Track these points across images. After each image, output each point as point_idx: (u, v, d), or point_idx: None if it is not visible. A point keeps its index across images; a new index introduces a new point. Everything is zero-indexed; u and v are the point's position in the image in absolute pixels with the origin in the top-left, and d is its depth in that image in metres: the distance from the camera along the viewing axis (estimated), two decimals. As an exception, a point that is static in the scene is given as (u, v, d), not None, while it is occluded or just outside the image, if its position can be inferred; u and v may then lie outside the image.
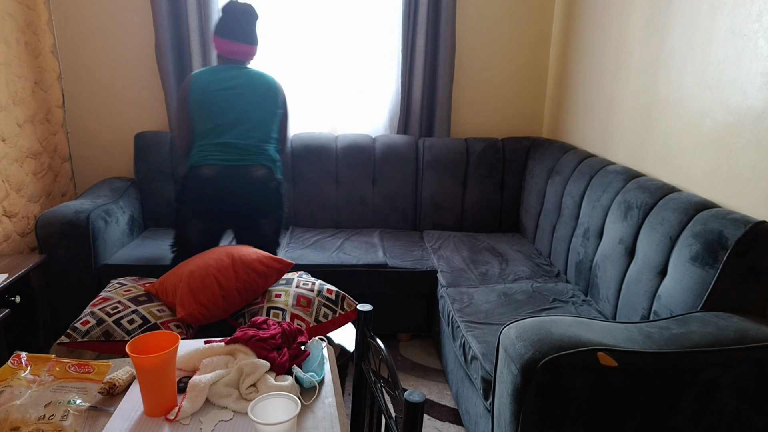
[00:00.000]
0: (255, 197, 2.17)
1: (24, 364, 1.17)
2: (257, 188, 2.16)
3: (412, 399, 0.81)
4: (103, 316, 1.69)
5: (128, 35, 2.93)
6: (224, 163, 2.11)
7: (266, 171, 2.18)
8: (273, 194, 2.22)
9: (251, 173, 2.15)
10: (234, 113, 2.14)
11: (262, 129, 2.19)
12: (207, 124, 2.14)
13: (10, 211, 2.51)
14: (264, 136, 2.19)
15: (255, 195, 2.17)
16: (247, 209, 2.19)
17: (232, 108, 2.14)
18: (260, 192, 2.18)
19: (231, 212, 2.18)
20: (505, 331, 1.37)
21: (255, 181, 2.15)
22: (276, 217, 2.26)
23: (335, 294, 1.92)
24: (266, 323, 1.34)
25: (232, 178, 2.12)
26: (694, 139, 1.85)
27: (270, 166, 2.20)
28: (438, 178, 2.98)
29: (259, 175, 2.16)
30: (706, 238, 1.53)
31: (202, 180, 2.11)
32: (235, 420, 1.06)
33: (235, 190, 2.13)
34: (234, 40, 2.15)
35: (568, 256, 2.36)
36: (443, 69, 2.99)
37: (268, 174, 2.19)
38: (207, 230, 2.20)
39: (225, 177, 2.11)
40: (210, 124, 2.14)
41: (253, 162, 2.15)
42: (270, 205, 2.22)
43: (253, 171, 2.15)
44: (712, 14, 1.76)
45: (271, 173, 2.20)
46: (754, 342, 1.28)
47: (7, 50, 2.49)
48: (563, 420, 1.23)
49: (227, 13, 2.16)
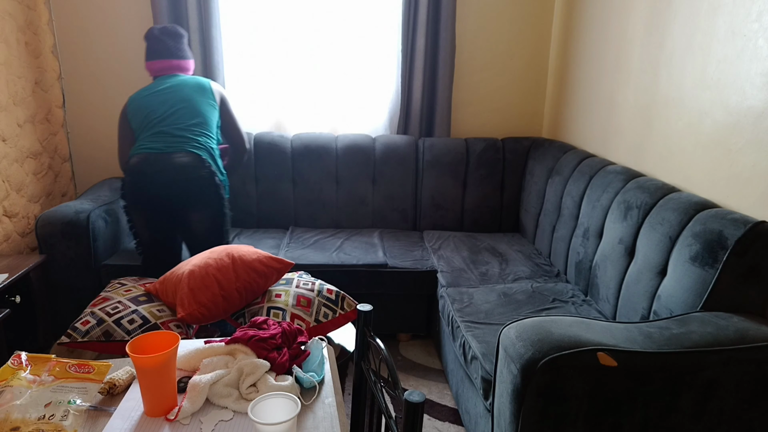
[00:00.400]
0: (179, 186, 2.09)
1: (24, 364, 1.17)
2: (181, 176, 2.08)
3: (412, 399, 0.81)
4: (103, 316, 1.69)
5: (128, 35, 2.93)
6: (149, 150, 2.09)
7: (193, 158, 2.10)
8: (202, 185, 2.12)
9: (175, 159, 2.08)
10: (165, 107, 2.17)
11: (194, 118, 2.17)
12: (142, 123, 2.17)
13: (11, 211, 2.51)
14: (195, 124, 2.16)
15: (179, 183, 2.09)
16: (175, 199, 2.12)
17: (163, 104, 2.18)
18: (184, 180, 2.09)
19: (159, 203, 2.12)
20: (505, 331, 1.37)
21: (179, 168, 2.08)
22: (210, 214, 2.17)
23: (335, 294, 1.92)
24: (266, 323, 1.34)
25: (156, 164, 2.07)
26: (694, 139, 1.85)
27: (199, 154, 2.12)
28: (438, 178, 2.98)
29: (183, 162, 2.08)
30: (706, 238, 1.53)
31: (131, 170, 2.10)
32: (235, 420, 1.06)
33: (159, 177, 2.08)
34: (158, 58, 2.26)
35: (568, 256, 2.36)
36: (443, 69, 2.99)
37: (195, 161, 2.10)
38: (152, 224, 2.16)
39: (150, 163, 2.07)
40: (144, 122, 2.17)
41: (179, 149, 2.10)
42: (199, 197, 2.13)
43: (177, 157, 2.08)
44: (712, 14, 1.76)
45: (200, 161, 2.11)
46: (754, 342, 1.28)
47: (8, 50, 2.50)
48: (563, 420, 1.23)
49: (147, 38, 2.28)
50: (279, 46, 2.95)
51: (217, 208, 2.18)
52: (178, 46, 2.30)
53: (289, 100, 3.05)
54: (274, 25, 2.92)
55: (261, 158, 2.93)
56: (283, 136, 2.98)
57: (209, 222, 2.17)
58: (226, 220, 2.22)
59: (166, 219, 2.18)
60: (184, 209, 2.15)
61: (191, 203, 2.14)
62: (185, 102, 2.18)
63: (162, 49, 2.26)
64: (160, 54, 2.26)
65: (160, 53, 2.26)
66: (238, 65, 2.97)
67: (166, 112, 2.16)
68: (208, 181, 2.13)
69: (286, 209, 3.00)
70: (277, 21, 2.92)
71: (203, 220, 2.16)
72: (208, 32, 2.83)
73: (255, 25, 2.91)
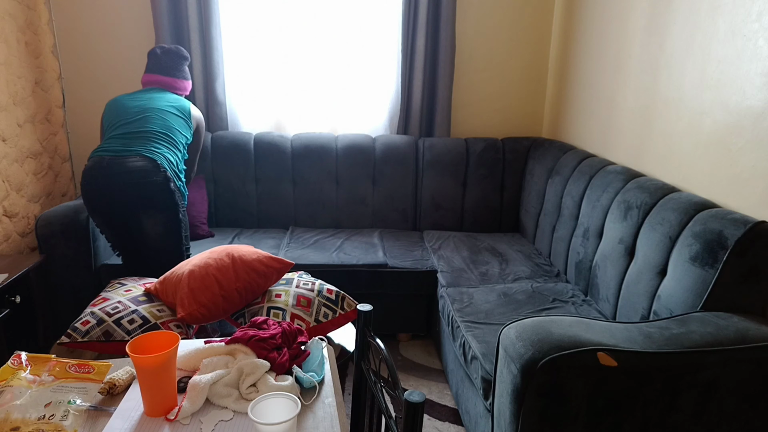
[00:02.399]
0: (130, 189, 2.05)
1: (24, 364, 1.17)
2: (132, 180, 2.04)
3: (412, 399, 0.81)
4: (103, 316, 1.69)
5: (128, 35, 2.93)
6: (104, 154, 2.08)
7: (148, 162, 2.06)
8: (155, 189, 2.07)
9: (128, 163, 2.05)
10: (136, 110, 2.19)
11: (162, 128, 2.17)
12: (111, 122, 2.19)
13: (11, 211, 2.51)
14: (161, 134, 2.16)
15: (130, 186, 2.05)
16: (126, 203, 2.09)
17: (135, 108, 2.20)
18: (135, 184, 2.05)
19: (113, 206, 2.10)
20: (505, 331, 1.37)
21: (132, 172, 2.04)
22: (163, 218, 2.12)
23: (335, 294, 1.92)
24: (266, 323, 1.34)
25: (108, 168, 2.05)
26: (694, 139, 1.85)
27: (156, 160, 2.08)
28: (438, 178, 2.98)
29: (137, 165, 2.05)
30: (706, 238, 1.53)
31: (84, 174, 2.10)
32: (235, 420, 1.06)
33: (112, 180, 2.05)
34: (150, 72, 2.36)
35: (567, 256, 2.36)
36: (443, 69, 2.99)
37: (150, 166, 2.06)
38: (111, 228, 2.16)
39: (102, 167, 2.05)
40: (113, 121, 2.19)
41: (135, 153, 2.07)
42: (151, 201, 2.09)
43: (131, 161, 2.05)
44: (712, 14, 1.76)
45: (155, 166, 2.07)
46: (754, 342, 1.28)
47: (8, 50, 2.50)
48: (563, 420, 1.23)
49: (148, 55, 2.38)
50: (279, 46, 2.95)
51: (172, 214, 2.13)
52: (174, 65, 2.37)
53: (289, 100, 3.05)
54: (274, 25, 2.92)
55: (261, 158, 2.93)
56: (283, 136, 2.98)
57: (162, 227, 2.13)
58: (182, 227, 2.18)
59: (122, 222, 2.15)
60: (133, 211, 2.11)
61: (139, 205, 2.09)
62: (158, 112, 2.20)
63: (155, 64, 2.35)
64: (151, 69, 2.36)
65: (152, 68, 2.36)
66: (238, 65, 2.97)
67: (136, 116, 2.17)
68: (161, 186, 2.08)
69: (286, 209, 3.00)
70: (277, 21, 2.92)
71: (156, 225, 2.11)
72: (208, 32, 2.83)
73: (255, 25, 2.91)
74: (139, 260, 2.21)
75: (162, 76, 2.35)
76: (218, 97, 2.96)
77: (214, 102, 2.96)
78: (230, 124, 3.05)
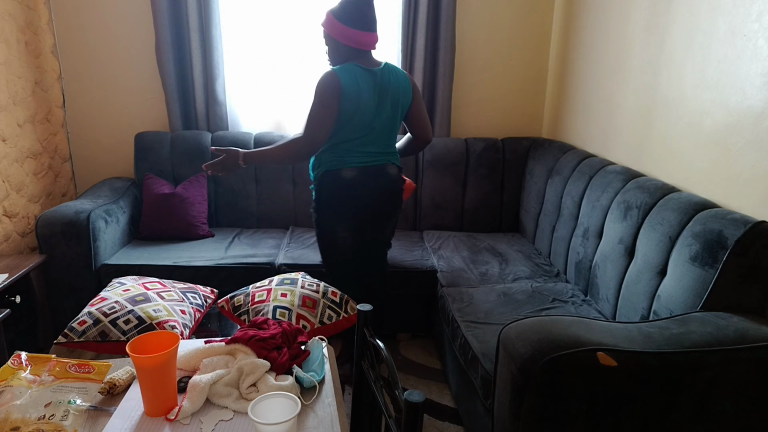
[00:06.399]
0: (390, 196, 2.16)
1: (24, 364, 1.17)
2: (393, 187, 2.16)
3: (412, 399, 0.81)
4: (100, 316, 1.69)
5: (128, 35, 2.93)
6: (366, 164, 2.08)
7: (398, 170, 2.18)
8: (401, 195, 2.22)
9: (388, 170, 2.12)
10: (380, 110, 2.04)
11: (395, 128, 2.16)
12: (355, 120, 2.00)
13: (11, 211, 2.51)
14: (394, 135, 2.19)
15: (390, 194, 2.16)
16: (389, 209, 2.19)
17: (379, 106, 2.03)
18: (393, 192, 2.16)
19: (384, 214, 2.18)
20: (505, 330, 1.37)
21: (393, 180, 2.15)
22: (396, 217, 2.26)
23: (339, 297, 1.93)
24: (266, 323, 1.34)
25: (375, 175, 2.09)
26: (694, 139, 1.85)
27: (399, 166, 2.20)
28: (438, 178, 2.98)
29: (393, 173, 2.15)
30: (705, 238, 1.53)
31: (348, 183, 2.07)
32: (235, 420, 1.06)
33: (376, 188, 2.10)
34: (372, 30, 1.98)
35: (567, 256, 2.36)
36: (443, 69, 2.99)
37: (399, 173, 2.19)
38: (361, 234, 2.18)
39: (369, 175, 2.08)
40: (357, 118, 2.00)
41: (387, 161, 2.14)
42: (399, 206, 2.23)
43: (388, 168, 2.13)
44: (712, 14, 1.76)
45: (399, 172, 2.20)
46: (754, 342, 1.28)
47: (8, 50, 2.50)
48: (563, 420, 1.23)
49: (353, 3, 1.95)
50: (279, 45, 2.95)
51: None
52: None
53: (289, 100, 3.04)
54: (274, 25, 2.92)
55: (261, 158, 2.93)
56: (283, 136, 2.98)
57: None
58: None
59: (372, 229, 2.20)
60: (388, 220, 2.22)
61: (395, 213, 2.23)
62: (394, 110, 2.09)
63: (373, 19, 1.95)
64: (371, 25, 1.95)
65: (372, 24, 1.95)
66: (238, 65, 2.97)
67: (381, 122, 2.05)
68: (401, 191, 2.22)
69: (286, 209, 3.00)
70: (277, 21, 2.92)
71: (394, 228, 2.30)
72: (208, 32, 2.83)
73: (255, 25, 2.91)
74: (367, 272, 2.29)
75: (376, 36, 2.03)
76: (218, 97, 2.96)
77: (214, 102, 2.96)
78: (230, 124, 3.05)
